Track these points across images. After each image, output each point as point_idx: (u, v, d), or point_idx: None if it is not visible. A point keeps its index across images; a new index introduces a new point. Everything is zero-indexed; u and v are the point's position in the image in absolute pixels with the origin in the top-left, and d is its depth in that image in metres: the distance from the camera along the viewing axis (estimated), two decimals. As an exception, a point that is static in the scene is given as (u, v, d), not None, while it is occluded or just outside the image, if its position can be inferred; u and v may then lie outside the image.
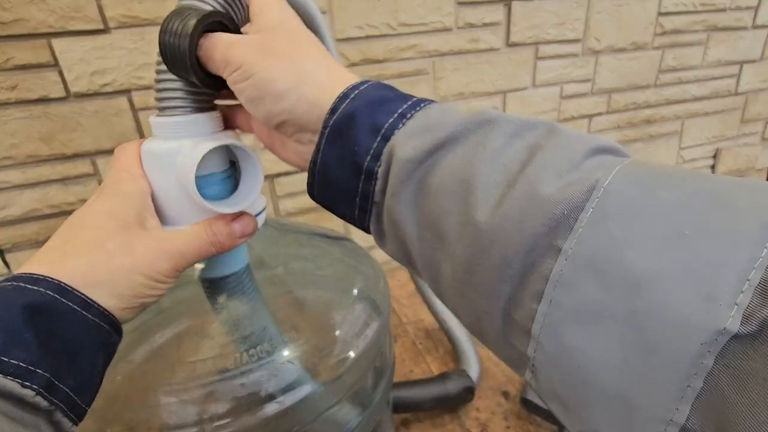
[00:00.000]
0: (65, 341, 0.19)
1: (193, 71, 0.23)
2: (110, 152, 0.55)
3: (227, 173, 0.26)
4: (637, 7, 0.81)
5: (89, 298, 0.20)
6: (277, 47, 0.22)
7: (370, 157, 0.20)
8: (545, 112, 0.82)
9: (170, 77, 0.24)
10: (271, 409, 0.26)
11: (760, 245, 0.12)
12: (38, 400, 0.17)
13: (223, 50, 0.22)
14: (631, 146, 0.94)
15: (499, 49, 0.73)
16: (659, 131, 0.96)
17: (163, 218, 0.25)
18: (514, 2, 0.71)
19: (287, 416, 0.26)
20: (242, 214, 0.26)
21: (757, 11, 0.92)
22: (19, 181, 0.53)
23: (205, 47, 0.23)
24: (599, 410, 0.14)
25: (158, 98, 0.25)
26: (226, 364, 0.26)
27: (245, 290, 0.30)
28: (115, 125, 0.55)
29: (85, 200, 0.40)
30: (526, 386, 0.48)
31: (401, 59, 0.67)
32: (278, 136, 0.25)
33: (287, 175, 0.66)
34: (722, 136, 1.04)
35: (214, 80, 0.24)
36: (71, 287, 0.20)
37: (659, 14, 0.83)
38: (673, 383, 0.12)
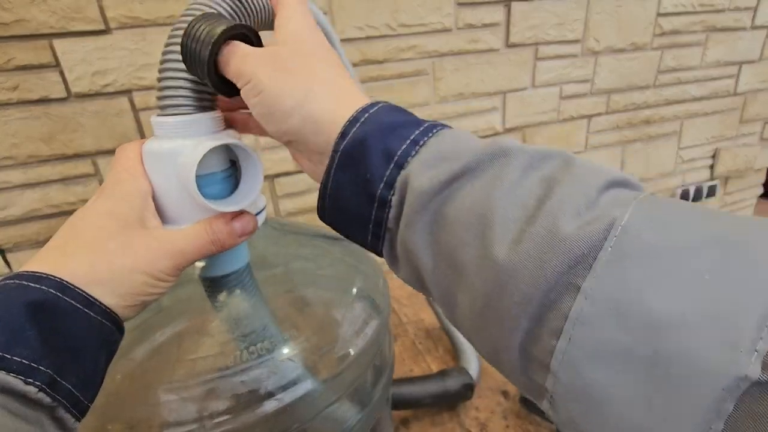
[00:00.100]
0: (67, 338, 0.19)
1: (209, 79, 0.23)
2: (111, 152, 0.56)
3: (228, 172, 0.27)
4: (636, 7, 0.81)
5: (91, 296, 0.20)
6: (288, 62, 0.22)
7: (383, 185, 0.20)
8: (545, 112, 0.82)
9: (172, 77, 0.24)
10: (270, 406, 0.26)
11: None
12: (41, 396, 0.18)
13: (237, 62, 0.22)
14: (630, 146, 0.95)
15: (498, 49, 0.73)
16: (658, 131, 0.96)
17: (163, 217, 0.25)
18: (513, 3, 0.71)
19: (287, 413, 0.26)
20: (242, 212, 0.26)
21: (755, 12, 0.92)
22: (19, 181, 0.53)
23: (223, 54, 0.23)
24: None
25: (159, 97, 0.25)
26: (226, 361, 0.26)
27: (246, 288, 0.30)
28: (115, 125, 0.55)
29: (85, 200, 0.40)
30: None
31: (401, 60, 0.67)
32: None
33: (287, 175, 0.67)
34: (721, 136, 1.04)
35: (228, 87, 0.24)
36: (73, 285, 0.20)
37: (658, 15, 0.84)
38: (696, 424, 0.13)
